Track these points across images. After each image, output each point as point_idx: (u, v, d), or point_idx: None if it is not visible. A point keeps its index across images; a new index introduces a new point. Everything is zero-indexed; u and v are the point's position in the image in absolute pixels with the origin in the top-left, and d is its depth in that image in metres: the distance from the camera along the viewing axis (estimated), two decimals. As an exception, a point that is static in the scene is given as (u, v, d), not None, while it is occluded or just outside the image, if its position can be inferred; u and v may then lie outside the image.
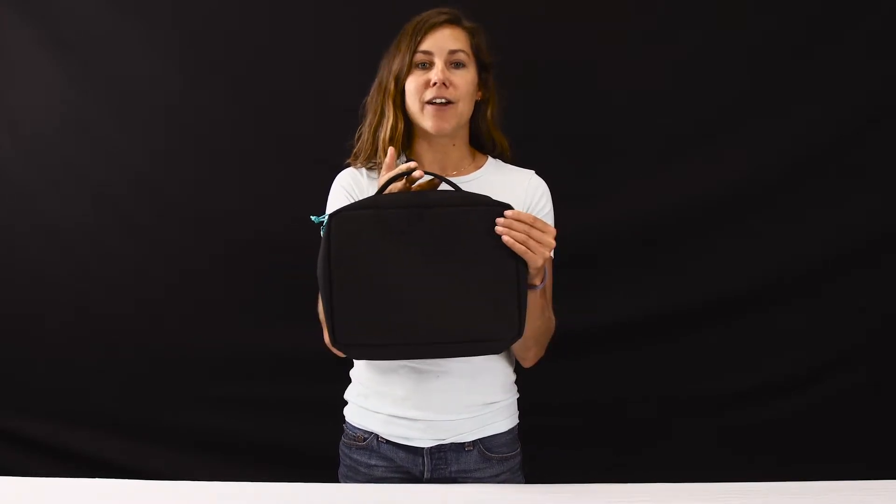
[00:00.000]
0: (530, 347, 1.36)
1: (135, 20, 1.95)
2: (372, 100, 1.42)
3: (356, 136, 1.45)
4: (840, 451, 1.89)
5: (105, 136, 1.98)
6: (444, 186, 1.24)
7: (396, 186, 1.22)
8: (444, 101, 1.33)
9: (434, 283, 1.17)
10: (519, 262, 1.18)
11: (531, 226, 1.17)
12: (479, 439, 1.39)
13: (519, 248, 1.16)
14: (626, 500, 1.26)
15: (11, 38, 1.97)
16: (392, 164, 1.25)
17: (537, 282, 1.25)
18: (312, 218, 1.21)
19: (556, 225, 1.41)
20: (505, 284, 1.18)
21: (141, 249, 1.99)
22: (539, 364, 1.42)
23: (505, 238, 1.16)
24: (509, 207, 1.18)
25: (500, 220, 1.17)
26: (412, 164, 1.21)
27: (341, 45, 1.91)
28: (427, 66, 1.35)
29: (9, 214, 2.01)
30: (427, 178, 1.22)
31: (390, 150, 1.27)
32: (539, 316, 1.31)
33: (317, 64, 1.93)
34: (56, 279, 2.01)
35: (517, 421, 1.46)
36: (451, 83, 1.33)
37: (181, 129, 1.97)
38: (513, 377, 1.45)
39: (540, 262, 1.19)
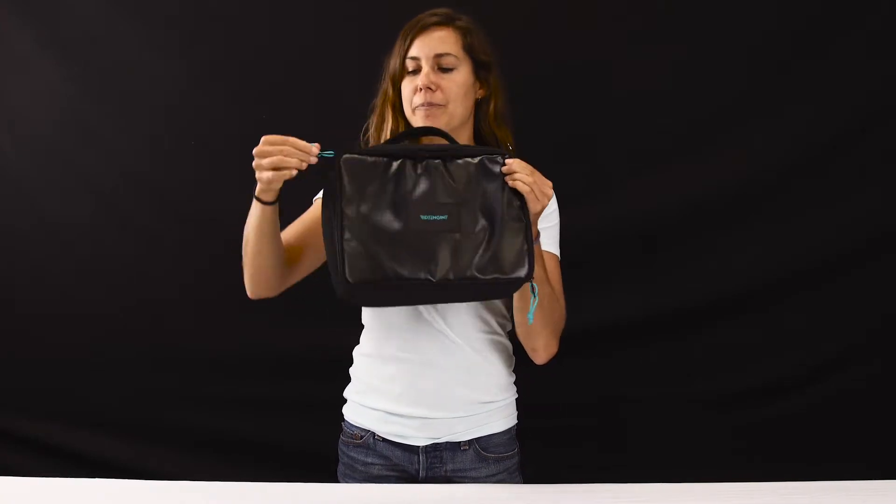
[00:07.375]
0: (539, 332, 1.34)
1: (135, 20, 1.95)
2: (377, 101, 1.42)
3: (362, 134, 1.45)
4: (840, 451, 1.89)
5: (105, 136, 1.98)
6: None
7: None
8: (430, 105, 1.33)
9: (442, 225, 1.18)
10: (523, 205, 1.21)
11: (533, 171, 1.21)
12: (475, 439, 1.38)
13: (524, 188, 1.20)
14: (626, 499, 1.26)
15: (12, 39, 1.97)
16: None
17: (535, 229, 1.26)
18: (321, 154, 1.19)
19: (557, 225, 1.42)
20: (513, 225, 1.20)
21: (141, 249, 1.99)
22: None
23: (512, 180, 1.20)
24: (505, 154, 1.23)
25: (507, 164, 1.21)
26: None
27: (341, 44, 1.91)
28: (416, 71, 1.35)
29: (9, 214, 2.01)
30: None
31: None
32: (542, 282, 1.28)
33: (317, 64, 1.93)
34: (56, 279, 2.01)
35: (515, 421, 1.45)
36: (438, 87, 1.33)
37: (181, 129, 1.97)
38: (511, 377, 1.44)
39: (539, 208, 1.21)
